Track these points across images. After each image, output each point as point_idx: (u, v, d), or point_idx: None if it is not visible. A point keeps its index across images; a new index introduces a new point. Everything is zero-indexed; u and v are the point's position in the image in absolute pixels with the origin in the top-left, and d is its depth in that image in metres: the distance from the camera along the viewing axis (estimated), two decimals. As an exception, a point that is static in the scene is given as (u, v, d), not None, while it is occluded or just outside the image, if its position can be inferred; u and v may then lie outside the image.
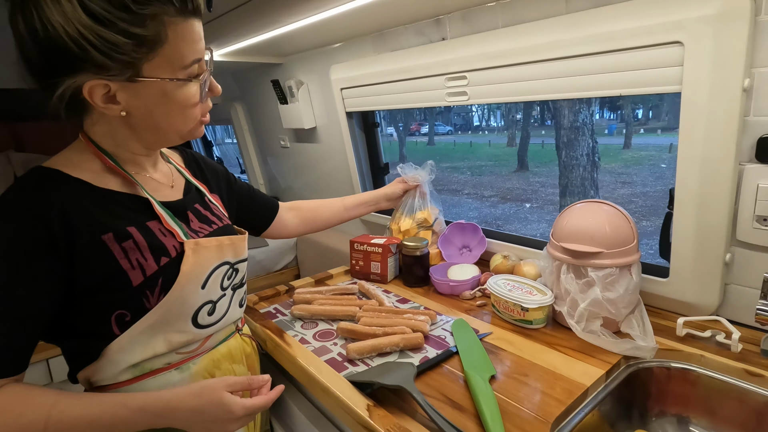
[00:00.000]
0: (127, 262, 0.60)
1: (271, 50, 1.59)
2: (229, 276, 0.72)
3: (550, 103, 5.20)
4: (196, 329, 0.67)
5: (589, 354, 0.78)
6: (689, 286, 0.84)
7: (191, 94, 0.62)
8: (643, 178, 7.97)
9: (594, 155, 4.68)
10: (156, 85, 0.58)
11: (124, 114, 0.59)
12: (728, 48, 0.69)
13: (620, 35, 0.79)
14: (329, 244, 1.72)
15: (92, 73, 0.55)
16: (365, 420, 0.64)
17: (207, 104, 0.67)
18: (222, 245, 0.70)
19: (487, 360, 0.77)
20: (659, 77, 0.77)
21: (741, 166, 0.76)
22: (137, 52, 0.55)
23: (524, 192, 8.31)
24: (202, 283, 0.66)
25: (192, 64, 0.60)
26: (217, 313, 0.70)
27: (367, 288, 1.06)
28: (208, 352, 0.71)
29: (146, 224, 0.63)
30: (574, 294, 0.81)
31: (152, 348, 0.63)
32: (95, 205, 0.60)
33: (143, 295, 0.61)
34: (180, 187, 0.74)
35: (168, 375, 0.66)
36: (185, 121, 0.64)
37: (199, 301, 0.66)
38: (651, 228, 5.36)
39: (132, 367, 0.63)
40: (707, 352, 0.76)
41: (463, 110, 20.20)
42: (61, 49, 0.52)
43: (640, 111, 13.78)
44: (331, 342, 0.87)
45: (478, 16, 1.03)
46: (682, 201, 0.81)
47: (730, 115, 0.72)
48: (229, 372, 0.73)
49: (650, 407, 0.78)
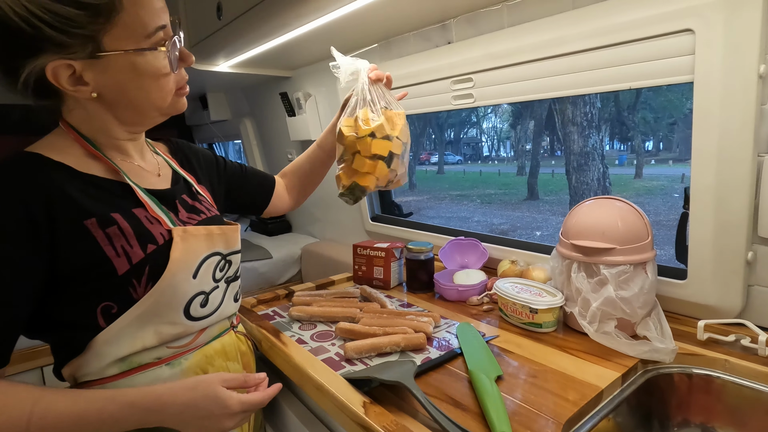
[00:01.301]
0: (112, 249, 0.57)
1: (280, 62, 1.61)
2: (221, 267, 0.69)
3: (559, 131, 5.21)
4: (188, 321, 0.64)
5: (604, 357, 0.72)
6: (709, 287, 0.79)
7: (161, 65, 0.59)
8: (655, 207, 7.86)
9: (605, 180, 4.64)
10: (121, 58, 0.56)
11: (95, 95, 0.57)
12: (741, 33, 0.67)
13: (628, 26, 0.77)
14: (332, 256, 1.69)
15: (52, 53, 0.53)
16: (361, 417, 0.59)
17: (182, 74, 0.65)
18: (212, 234, 0.68)
19: (493, 360, 0.72)
20: (670, 67, 0.75)
21: (760, 158, 0.72)
22: (94, 24, 0.53)
23: (534, 220, 8.23)
24: (193, 272, 0.64)
25: (156, 31, 0.57)
26: (210, 305, 0.67)
27: (369, 292, 1.03)
28: (201, 347, 0.67)
29: (132, 211, 0.61)
30: (586, 293, 0.77)
31: (141, 340, 0.60)
32: (78, 190, 0.57)
33: (129, 285, 0.58)
34: (167, 176, 0.72)
35: (158, 370, 0.62)
36: (161, 94, 0.61)
37: (191, 290, 0.64)
38: (665, 257, 5.24)
39: (119, 361, 0.60)
40: (732, 357, 0.70)
41: (472, 140, 20.41)
42: (13, 30, 0.50)
43: (650, 142, 13.78)
44: (329, 342, 0.83)
45: (484, 19, 1.03)
46: (698, 197, 0.77)
47: (747, 103, 0.69)
48: (223, 369, 0.70)
49: (672, 416, 0.72)
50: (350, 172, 0.83)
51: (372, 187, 0.83)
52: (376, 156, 0.80)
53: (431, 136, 18.60)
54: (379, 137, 0.79)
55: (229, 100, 2.34)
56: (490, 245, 1.18)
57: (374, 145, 0.79)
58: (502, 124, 18.06)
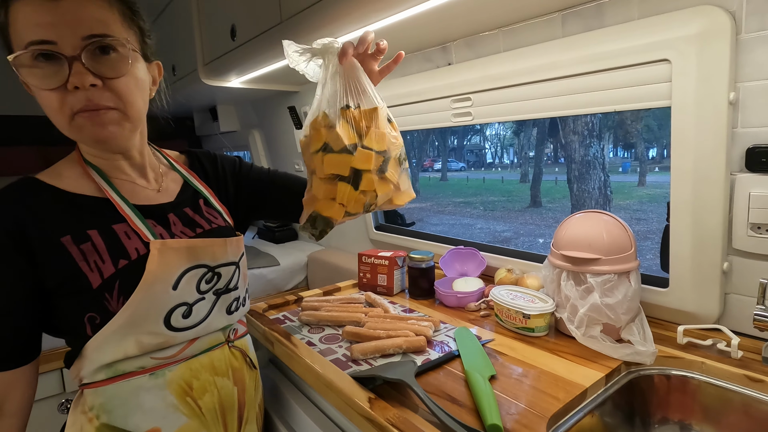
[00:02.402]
0: (86, 264, 0.61)
1: (289, 79, 1.69)
2: (208, 279, 0.70)
3: (562, 139, 5.27)
4: (169, 332, 0.66)
5: (590, 359, 0.79)
6: (689, 295, 0.85)
7: (37, 80, 0.58)
8: (659, 215, 7.89)
9: (606, 189, 4.69)
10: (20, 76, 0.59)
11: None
12: (712, 64, 0.74)
13: (612, 54, 0.84)
14: (338, 263, 1.75)
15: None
16: (366, 411, 0.66)
17: (73, 96, 0.58)
18: (195, 247, 0.69)
19: (487, 362, 0.78)
20: (650, 93, 0.82)
21: (733, 176, 0.79)
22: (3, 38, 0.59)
23: (537, 227, 8.28)
24: (172, 284, 0.66)
25: (28, 46, 0.56)
26: (194, 316, 0.68)
27: (373, 298, 1.09)
28: (187, 360, 0.69)
29: (111, 227, 0.65)
30: (574, 300, 0.83)
31: (123, 349, 0.63)
32: (61, 210, 0.63)
33: (103, 298, 0.61)
34: (171, 191, 0.75)
35: (140, 379, 0.65)
36: (52, 114, 0.60)
37: (171, 302, 0.66)
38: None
39: (105, 367, 0.64)
40: (708, 359, 0.76)
41: (476, 147, 20.47)
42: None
43: (654, 150, 13.82)
44: (337, 344, 0.89)
45: (482, 42, 1.11)
46: (677, 212, 0.84)
47: (718, 126, 0.76)
48: (210, 384, 0.70)
49: (652, 414, 0.78)
50: (311, 198, 0.67)
51: (339, 218, 0.64)
52: (335, 176, 0.61)
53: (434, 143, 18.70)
54: (336, 150, 0.60)
55: (239, 112, 2.43)
56: (488, 254, 1.25)
57: (327, 162, 0.60)
58: (506, 131, 18.14)
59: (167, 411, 0.67)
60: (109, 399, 0.65)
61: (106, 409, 0.64)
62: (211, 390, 0.71)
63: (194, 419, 0.69)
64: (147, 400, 0.65)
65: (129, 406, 0.65)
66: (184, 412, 0.68)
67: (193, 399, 0.69)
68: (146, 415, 0.65)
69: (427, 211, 10.54)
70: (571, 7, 0.92)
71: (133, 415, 0.65)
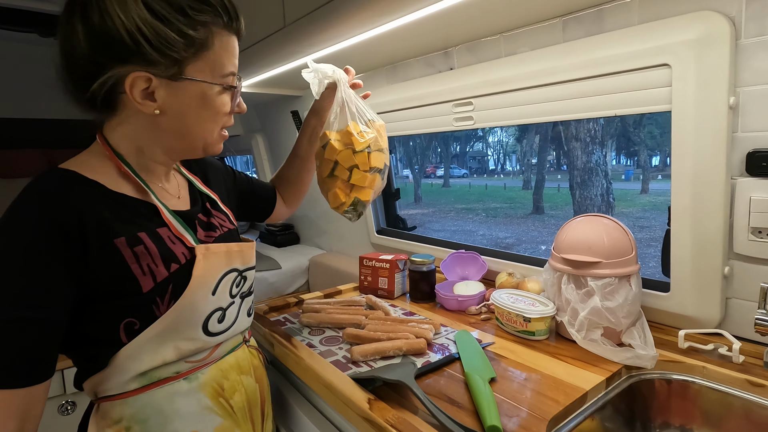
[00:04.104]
0: (138, 268, 0.60)
1: (292, 83, 1.71)
2: (237, 283, 0.72)
3: (564, 146, 5.27)
4: (206, 337, 0.67)
5: (591, 363, 0.78)
6: (690, 299, 0.85)
7: (224, 102, 0.66)
8: (662, 222, 7.84)
9: (609, 196, 4.68)
10: (196, 86, 0.62)
11: (158, 113, 0.62)
12: (711, 69, 0.74)
13: (613, 59, 0.85)
14: (340, 267, 1.76)
15: (139, 65, 0.58)
16: (366, 412, 0.66)
17: (230, 119, 0.70)
18: (231, 251, 0.71)
19: (488, 364, 0.78)
20: (650, 97, 0.82)
21: (733, 180, 0.79)
22: (186, 52, 0.60)
23: (539, 234, 8.27)
24: (212, 289, 0.67)
25: (228, 74, 0.65)
26: (227, 320, 0.70)
27: (374, 301, 1.09)
28: (216, 361, 0.70)
29: (156, 231, 0.64)
30: (575, 303, 0.83)
31: (161, 356, 0.63)
32: (108, 209, 0.60)
33: (153, 302, 0.61)
34: (186, 198, 0.76)
35: (176, 384, 0.65)
36: (212, 126, 0.67)
37: (209, 307, 0.67)
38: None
39: (140, 376, 0.63)
40: (709, 364, 0.76)
41: (479, 154, 20.50)
42: (115, 39, 0.56)
43: (657, 158, 13.82)
44: (337, 346, 0.89)
45: (483, 48, 1.12)
46: (678, 216, 0.84)
47: (718, 131, 0.76)
48: (237, 383, 0.72)
49: (653, 418, 0.77)
50: (347, 187, 0.83)
51: (370, 201, 0.85)
52: (374, 169, 0.82)
53: (437, 150, 18.72)
54: (374, 150, 0.82)
55: (242, 116, 2.44)
56: (489, 258, 1.25)
57: (373, 159, 0.82)
58: (508, 138, 18.17)
59: (203, 413, 0.67)
60: (142, 408, 0.63)
61: (139, 419, 0.63)
62: (240, 389, 0.72)
63: (228, 419, 0.70)
64: (183, 404, 0.65)
65: (165, 413, 0.64)
66: (218, 412, 0.69)
67: (225, 399, 0.70)
68: (183, 420, 0.65)
69: (429, 217, 10.55)
70: (572, 13, 0.93)
71: (171, 422, 0.64)
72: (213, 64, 0.63)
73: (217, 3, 0.62)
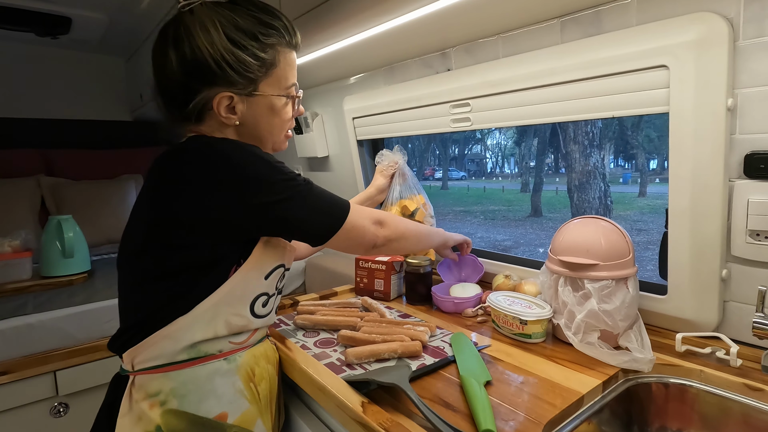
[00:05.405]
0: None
1: (290, 84, 1.70)
2: (281, 278, 0.81)
3: (563, 148, 5.28)
4: (251, 317, 0.74)
5: (587, 366, 0.78)
6: (687, 302, 0.84)
7: (288, 110, 0.78)
8: (659, 225, 7.87)
9: (606, 199, 4.69)
10: (266, 99, 0.74)
11: (237, 124, 0.74)
12: (710, 71, 0.74)
13: (611, 61, 0.84)
14: (337, 269, 1.75)
15: (224, 87, 0.70)
16: (359, 415, 0.65)
17: (292, 122, 0.83)
18: (285, 247, 0.79)
19: (483, 367, 0.77)
20: (648, 99, 0.82)
21: (731, 183, 0.78)
22: (259, 71, 0.71)
23: (537, 237, 8.26)
24: (265, 274, 0.75)
25: (291, 86, 0.77)
26: (268, 307, 0.78)
27: (370, 302, 1.08)
28: (251, 347, 0.77)
29: None
30: (572, 306, 0.83)
31: (213, 328, 0.70)
32: None
33: (252, 244, 0.73)
34: None
35: (217, 363, 0.71)
36: (279, 131, 0.79)
37: (259, 288, 0.74)
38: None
39: (190, 348, 0.69)
40: (707, 368, 0.75)
41: (477, 156, 20.53)
42: (204, 67, 0.68)
43: (655, 161, 13.85)
44: (331, 349, 0.88)
45: (481, 49, 1.11)
46: (675, 218, 0.83)
47: (717, 133, 0.75)
48: (265, 371, 0.78)
49: (650, 422, 0.77)
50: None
51: None
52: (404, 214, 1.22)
53: (435, 152, 18.75)
54: (417, 217, 1.24)
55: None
56: (485, 260, 1.24)
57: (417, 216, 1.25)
58: (507, 140, 18.20)
59: (235, 396, 0.72)
60: (184, 383, 0.68)
61: (179, 394, 0.67)
62: (266, 377, 0.78)
63: (254, 405, 0.74)
64: (220, 384, 0.70)
65: (204, 391, 0.69)
66: (247, 397, 0.73)
67: (254, 384, 0.75)
68: (218, 400, 0.70)
69: (428, 220, 10.51)
70: (570, 14, 0.93)
71: (206, 400, 0.69)
72: (279, 78, 0.75)
73: (280, 26, 0.73)
